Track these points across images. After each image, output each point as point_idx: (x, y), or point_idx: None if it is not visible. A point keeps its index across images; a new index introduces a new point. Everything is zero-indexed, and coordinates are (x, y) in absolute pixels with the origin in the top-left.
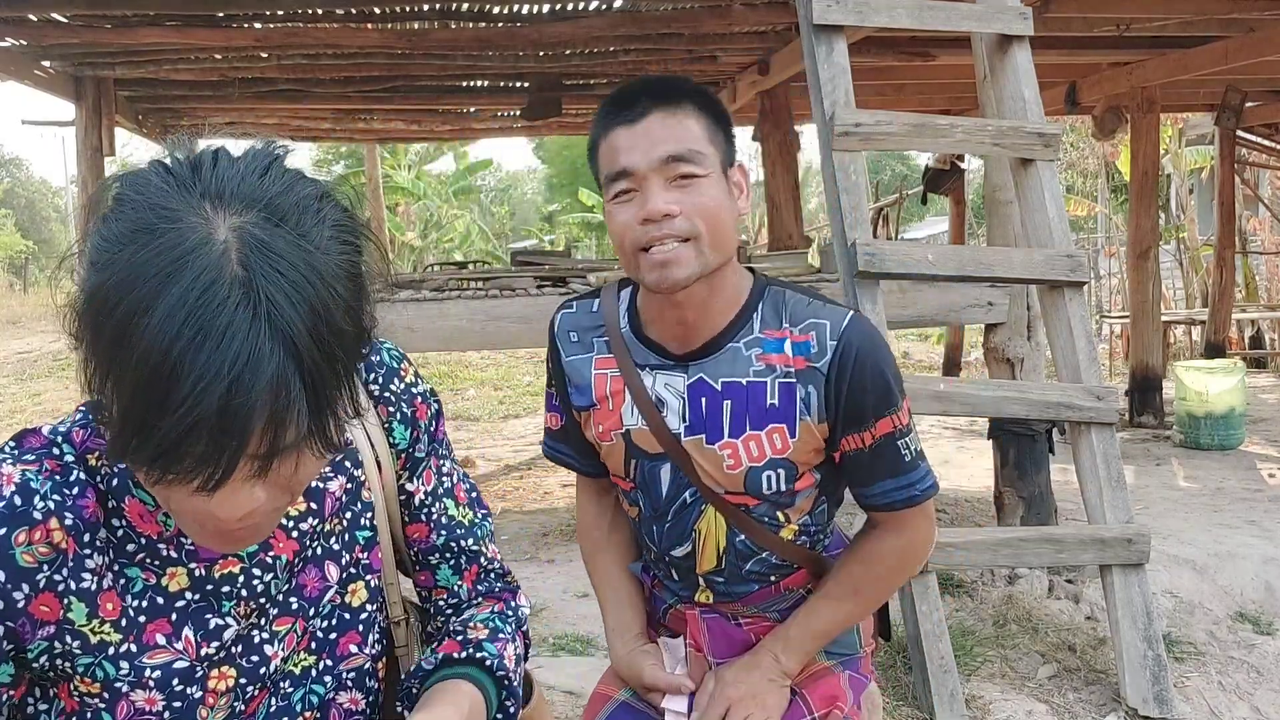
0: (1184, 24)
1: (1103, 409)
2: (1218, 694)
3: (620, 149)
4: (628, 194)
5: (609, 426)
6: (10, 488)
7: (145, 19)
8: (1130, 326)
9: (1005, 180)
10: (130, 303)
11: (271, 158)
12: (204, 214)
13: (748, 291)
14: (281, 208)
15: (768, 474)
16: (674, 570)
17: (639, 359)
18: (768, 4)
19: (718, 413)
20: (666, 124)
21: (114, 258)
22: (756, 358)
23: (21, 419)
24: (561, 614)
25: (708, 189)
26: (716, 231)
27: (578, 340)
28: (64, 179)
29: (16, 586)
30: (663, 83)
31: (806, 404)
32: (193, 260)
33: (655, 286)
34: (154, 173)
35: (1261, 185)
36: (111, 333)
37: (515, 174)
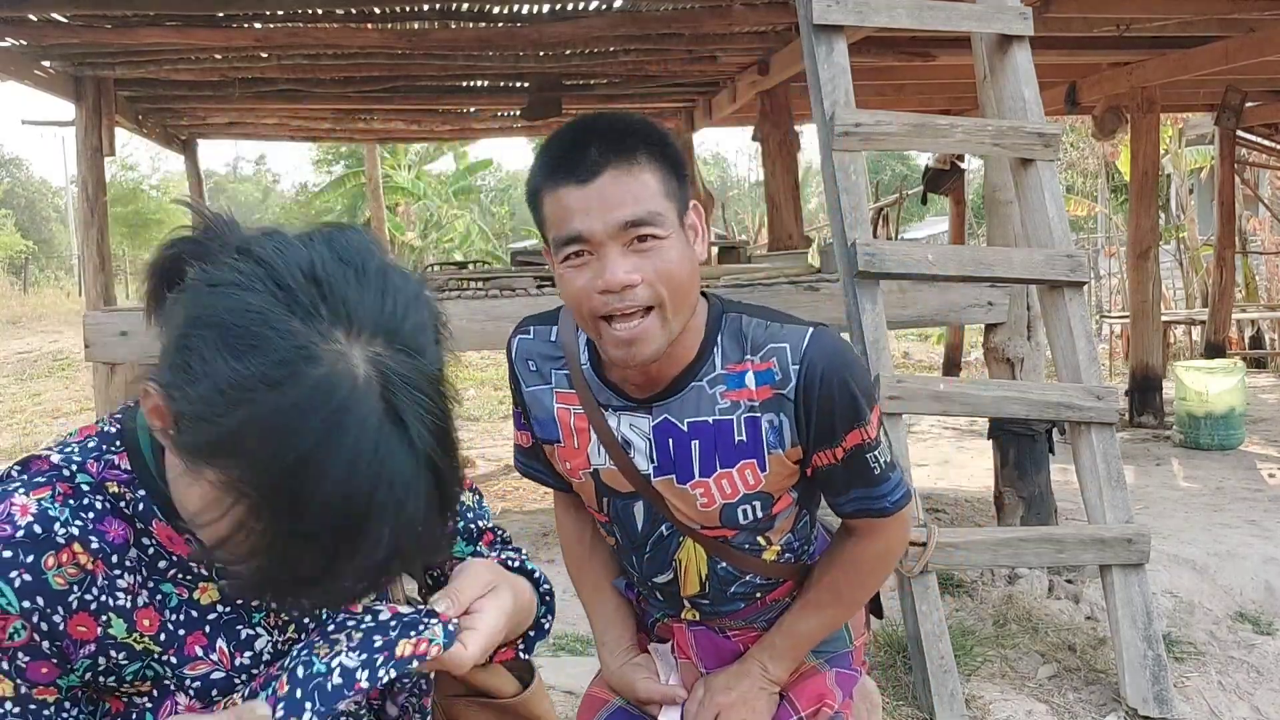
0: (1184, 24)
1: (1103, 409)
2: (1218, 694)
3: (573, 211)
4: (580, 256)
5: (576, 465)
6: (28, 518)
7: (145, 19)
8: (1130, 326)
9: (1005, 180)
10: (300, 455)
11: (379, 266)
12: (338, 344)
13: (704, 324)
14: (402, 332)
15: (743, 508)
16: (658, 593)
17: (601, 399)
18: (768, 4)
19: (686, 453)
20: (621, 183)
21: (258, 398)
22: (721, 395)
23: (21, 419)
24: (561, 614)
25: (668, 250)
26: (679, 294)
27: (536, 370)
28: (64, 179)
29: (54, 609)
30: (612, 130)
31: (777, 434)
32: (353, 408)
33: (621, 363)
34: (264, 289)
35: (1261, 185)
36: (279, 483)
37: (515, 174)
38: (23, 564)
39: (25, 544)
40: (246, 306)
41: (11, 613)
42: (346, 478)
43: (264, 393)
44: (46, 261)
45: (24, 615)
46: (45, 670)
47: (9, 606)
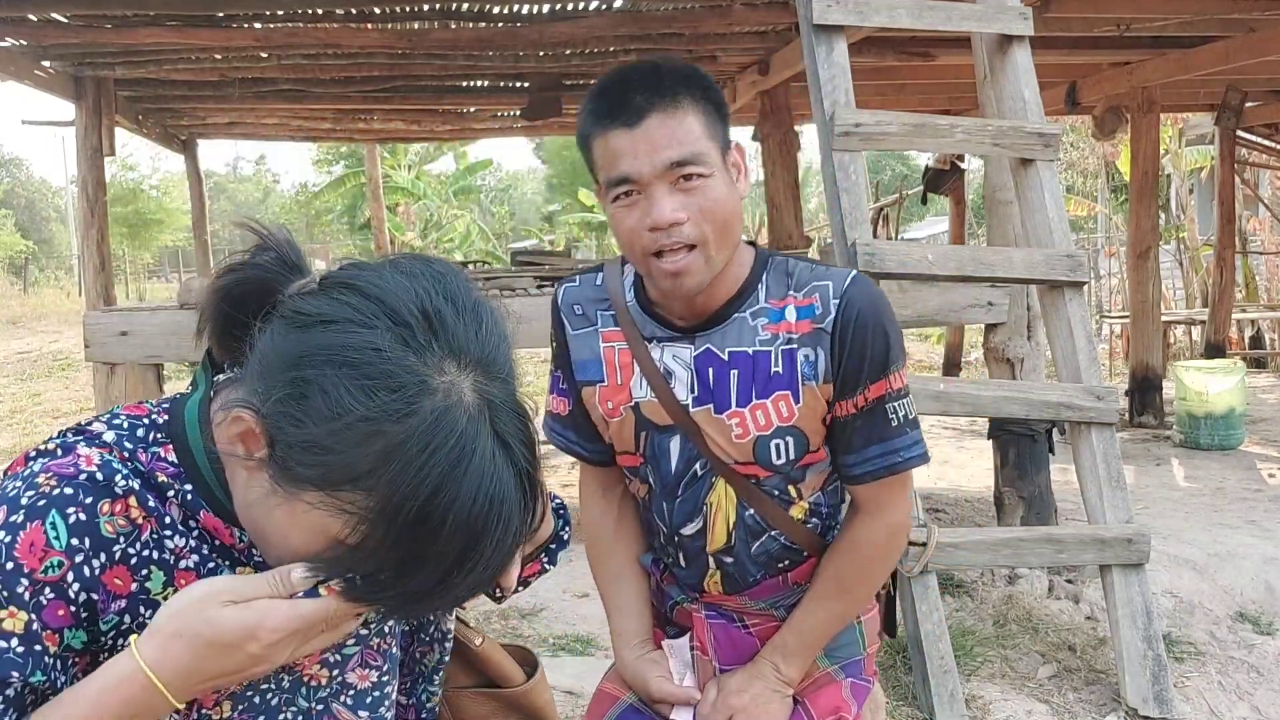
0: (1184, 24)
1: (1103, 409)
2: (1218, 694)
3: (621, 153)
4: (630, 197)
5: (618, 401)
6: (92, 466)
7: (145, 19)
8: (1130, 326)
9: (1005, 180)
10: (434, 484)
11: (474, 299)
12: (450, 375)
13: (750, 265)
14: (497, 362)
15: (776, 443)
16: (683, 554)
17: (646, 332)
18: (768, 4)
19: (725, 382)
20: (667, 125)
21: (389, 430)
22: (762, 327)
23: (21, 419)
24: (561, 614)
25: (712, 189)
26: (723, 232)
27: (582, 313)
28: (64, 179)
29: (95, 555)
30: (655, 74)
31: (812, 367)
32: (473, 436)
33: (670, 294)
34: (383, 326)
35: (1261, 185)
36: (413, 510)
37: (515, 174)
38: (80, 503)
39: (86, 485)
40: (370, 344)
41: (57, 547)
42: (472, 502)
43: (393, 425)
44: (46, 261)
45: (68, 552)
46: (61, 613)
47: (57, 540)
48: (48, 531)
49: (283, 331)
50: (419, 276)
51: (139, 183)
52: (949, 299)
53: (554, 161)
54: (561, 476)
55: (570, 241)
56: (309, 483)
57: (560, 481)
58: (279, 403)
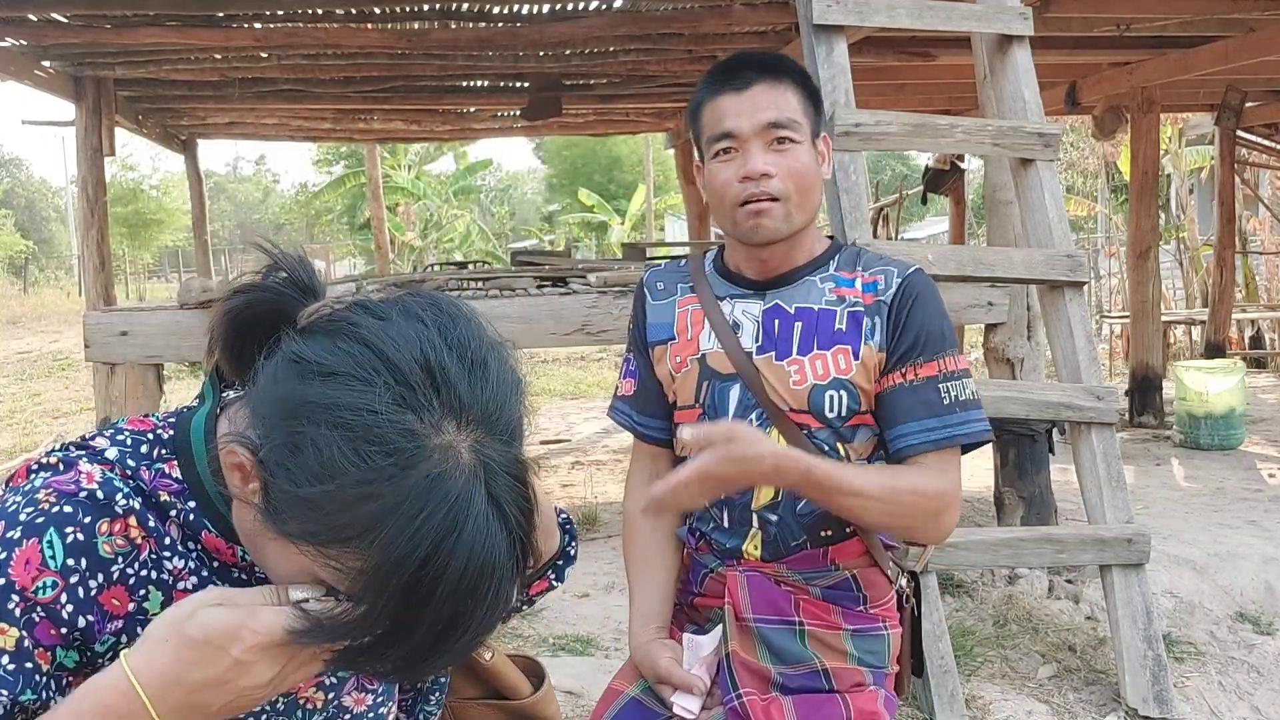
0: (1184, 24)
1: (1103, 409)
2: (1218, 694)
3: (727, 113)
4: (729, 153)
5: (686, 354)
6: (93, 484)
7: (145, 19)
8: (1130, 326)
9: (1005, 180)
10: (427, 549)
11: (483, 353)
12: (448, 435)
13: (825, 247)
14: (501, 420)
15: (830, 394)
16: (727, 512)
17: (720, 291)
18: (768, 4)
19: (789, 333)
20: (770, 93)
21: (383, 493)
22: (830, 290)
23: (21, 419)
24: (561, 614)
25: (801, 154)
26: (804, 193)
27: (663, 288)
28: (64, 179)
29: (92, 575)
30: (767, 57)
31: (871, 332)
32: (467, 501)
33: (748, 236)
34: (382, 383)
35: (1261, 185)
36: (403, 574)
37: (515, 174)
38: (79, 522)
39: (86, 504)
40: (369, 406)
41: (52, 566)
42: (463, 569)
43: (386, 488)
44: (46, 261)
45: (63, 572)
46: (53, 633)
47: (53, 559)
48: (44, 550)
49: (285, 375)
50: (426, 324)
51: (139, 183)
52: (949, 299)
53: (554, 161)
54: (562, 476)
55: (570, 241)
56: (299, 537)
57: (561, 481)
58: (274, 450)
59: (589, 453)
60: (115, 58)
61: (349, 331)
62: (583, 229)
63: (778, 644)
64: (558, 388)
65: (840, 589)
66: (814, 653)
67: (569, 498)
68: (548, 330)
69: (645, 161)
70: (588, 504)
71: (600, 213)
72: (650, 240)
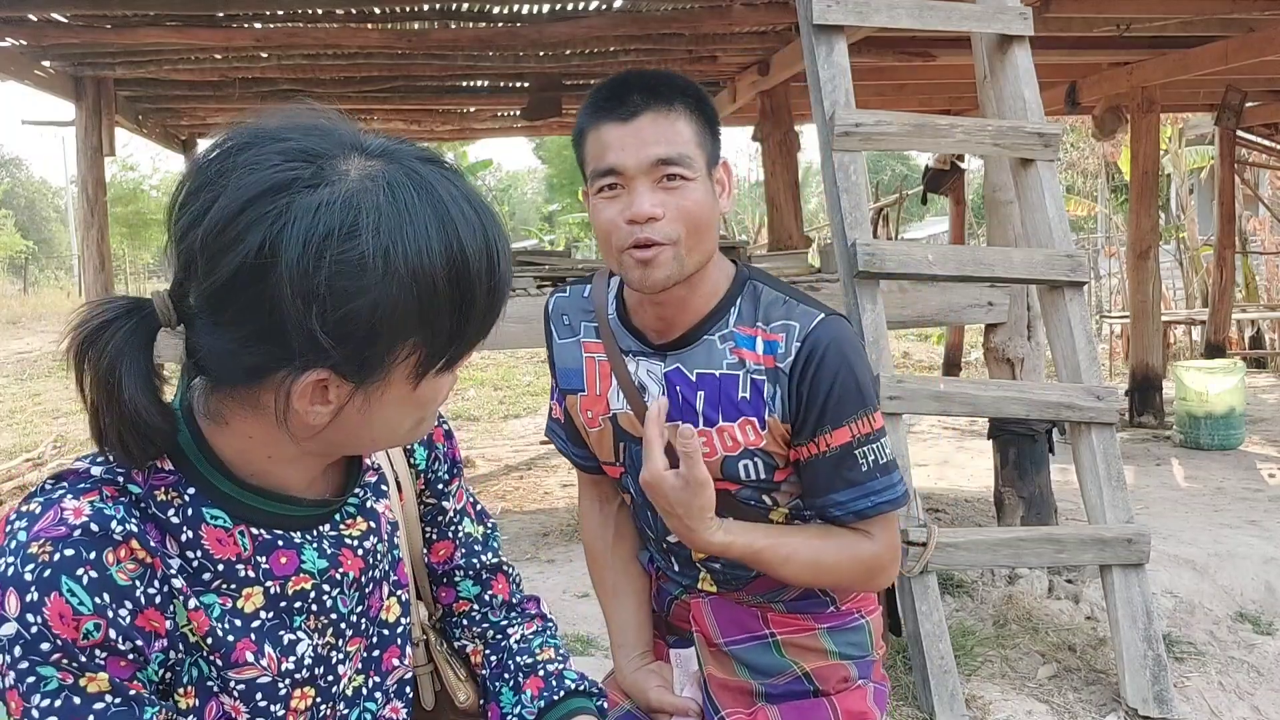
0: (1184, 24)
1: (1103, 409)
2: (1218, 694)
3: (610, 145)
4: (614, 189)
5: (597, 412)
6: (83, 518)
7: (145, 19)
8: (1130, 326)
9: (1005, 180)
10: (449, 251)
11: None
12: (353, 161)
13: (728, 284)
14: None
15: (744, 463)
16: (674, 558)
17: (624, 345)
18: (768, 4)
19: (692, 403)
20: (658, 125)
21: (367, 248)
22: (730, 351)
23: (22, 419)
24: (561, 614)
25: (693, 192)
26: (697, 235)
27: (568, 323)
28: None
29: (121, 605)
30: (655, 79)
31: (773, 401)
32: (430, 193)
33: (637, 285)
34: (269, 168)
35: (1261, 185)
36: (440, 275)
37: (515, 174)
38: (86, 560)
39: (85, 541)
40: (275, 183)
41: (85, 611)
42: (472, 230)
43: (373, 244)
44: (46, 261)
45: (97, 611)
46: (123, 665)
47: (82, 606)
48: (69, 600)
49: (246, 283)
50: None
51: (139, 183)
52: (949, 299)
53: (554, 161)
54: (562, 476)
55: (570, 242)
56: (394, 337)
57: (560, 481)
58: (324, 335)
59: None
60: (115, 58)
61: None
62: (583, 229)
63: (754, 660)
64: None
65: (805, 598)
66: (792, 659)
67: (569, 498)
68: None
69: None
70: None
71: None
72: None
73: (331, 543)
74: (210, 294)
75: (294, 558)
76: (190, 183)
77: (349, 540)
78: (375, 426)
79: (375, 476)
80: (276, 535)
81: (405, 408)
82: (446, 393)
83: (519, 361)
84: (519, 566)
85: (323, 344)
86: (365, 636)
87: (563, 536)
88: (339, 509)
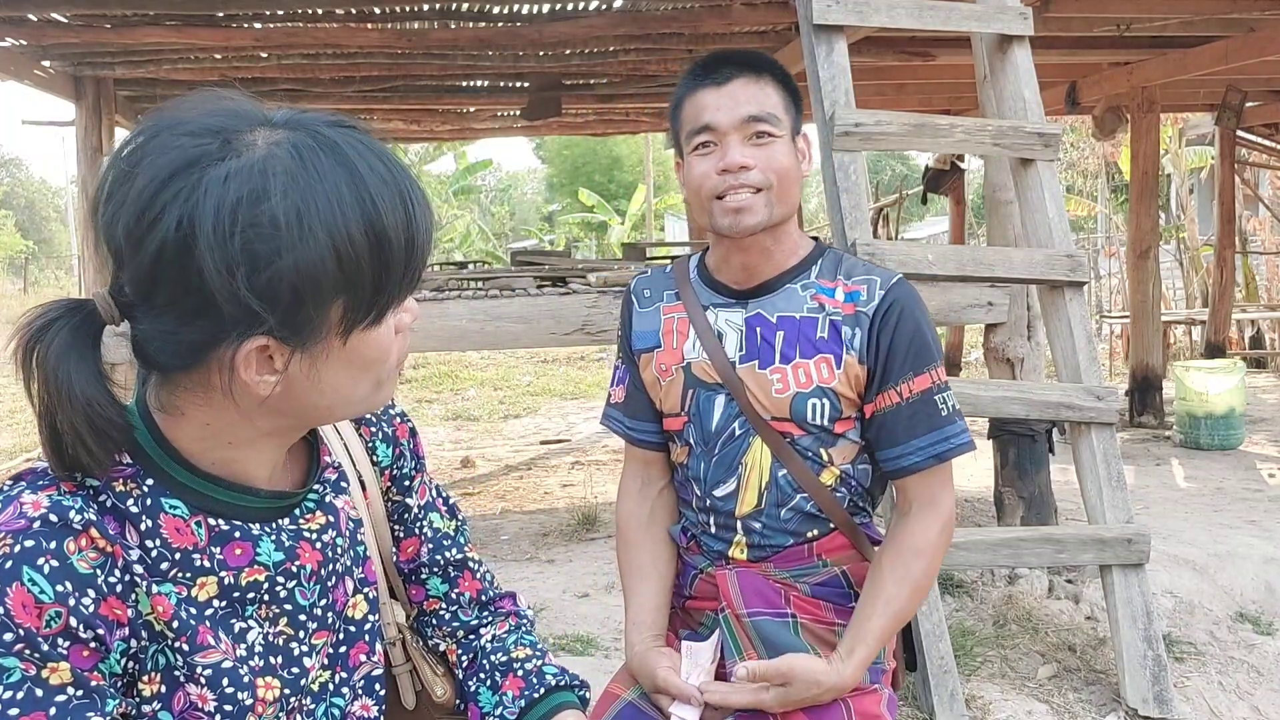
0: (1184, 24)
1: (1103, 409)
2: (1218, 694)
3: (706, 107)
4: (707, 147)
5: (670, 361)
6: (41, 509)
7: (145, 19)
8: (1130, 326)
9: (1005, 180)
10: (367, 215)
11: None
12: (261, 133)
13: (809, 248)
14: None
15: (813, 402)
16: (713, 520)
17: (704, 300)
18: (768, 4)
19: (771, 342)
20: (749, 88)
21: (277, 208)
22: (811, 298)
23: (21, 419)
24: (561, 614)
25: (780, 149)
26: (784, 186)
27: (649, 295)
28: (64, 179)
29: (84, 593)
30: (748, 54)
31: (851, 343)
32: (339, 158)
33: (728, 230)
34: (187, 145)
35: (1261, 185)
36: (368, 232)
37: (515, 174)
38: (47, 550)
39: (44, 531)
40: (196, 155)
41: (46, 600)
42: (382, 183)
43: (281, 203)
44: (46, 261)
45: (59, 599)
46: (85, 655)
47: (43, 594)
48: (30, 589)
49: (172, 256)
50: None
51: None
52: (949, 299)
53: (554, 161)
54: (562, 476)
55: (570, 241)
56: (321, 296)
57: (561, 481)
58: (248, 293)
59: (589, 453)
60: (115, 58)
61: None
62: (583, 229)
63: (771, 635)
64: (558, 388)
65: (829, 585)
66: (808, 644)
67: (569, 498)
68: (548, 330)
69: (645, 161)
70: (588, 504)
71: (600, 213)
72: (650, 240)
73: (290, 535)
74: (140, 280)
75: (249, 549)
76: (109, 178)
77: (307, 534)
78: (326, 392)
79: (335, 474)
80: (235, 526)
81: (352, 370)
82: (395, 353)
83: (519, 361)
84: (519, 567)
85: (255, 310)
86: (333, 631)
87: (563, 536)
88: (298, 503)
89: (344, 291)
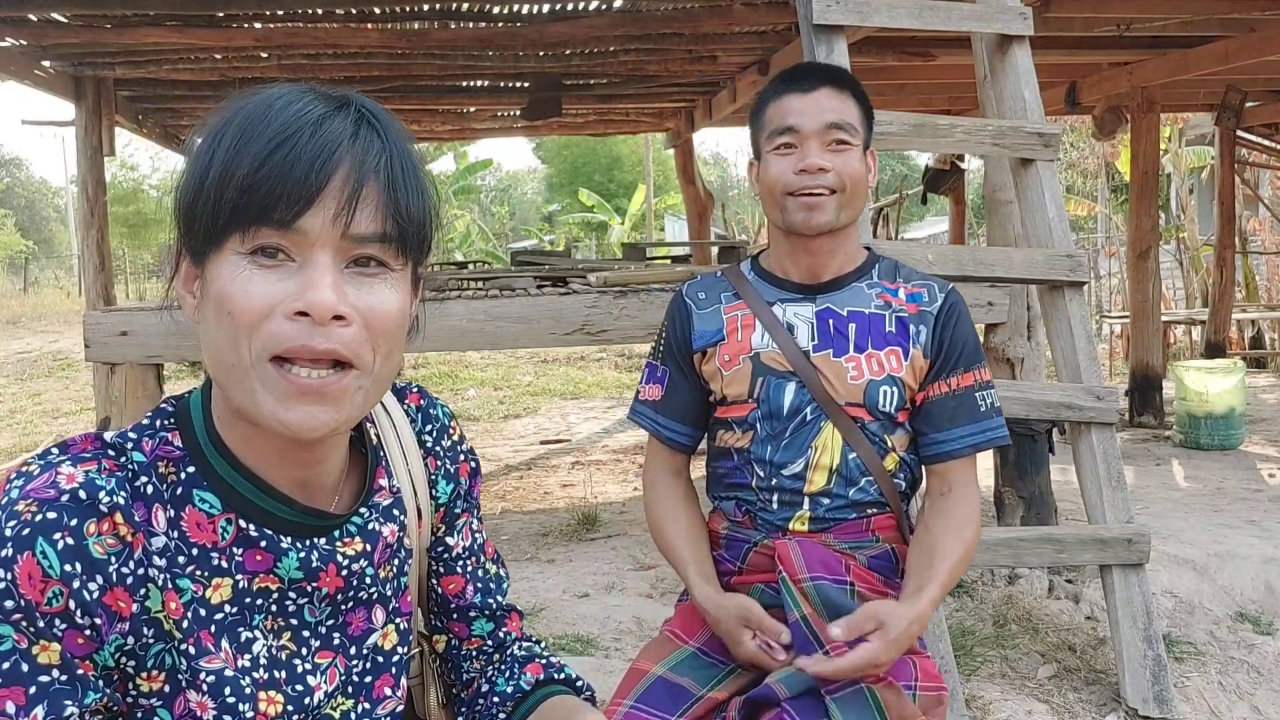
0: (1184, 24)
1: (1103, 409)
2: (1218, 694)
3: (791, 110)
4: (788, 148)
5: (737, 352)
6: (74, 484)
7: (145, 19)
8: (1130, 326)
9: (1005, 180)
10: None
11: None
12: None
13: (864, 256)
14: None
15: (884, 389)
16: (777, 496)
17: (768, 296)
18: (768, 4)
19: (844, 333)
20: (833, 99)
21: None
22: (876, 295)
23: (22, 419)
24: (561, 614)
25: (854, 157)
26: (854, 191)
27: (705, 298)
28: (64, 179)
29: (92, 578)
30: (833, 68)
31: (918, 338)
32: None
33: (800, 226)
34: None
35: (1261, 185)
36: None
37: (515, 174)
38: (66, 526)
39: (69, 507)
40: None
41: (53, 576)
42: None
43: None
44: (46, 261)
45: (64, 579)
46: (80, 641)
47: (51, 569)
48: (40, 561)
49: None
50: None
51: (139, 182)
52: None
53: (554, 161)
54: (562, 476)
55: (570, 242)
56: (191, 220)
57: (561, 481)
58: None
59: (589, 453)
60: (115, 58)
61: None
62: (583, 229)
63: (833, 599)
64: (558, 388)
65: (882, 559)
66: None
67: (569, 498)
68: (548, 330)
69: (645, 161)
70: (588, 504)
71: (600, 213)
72: (650, 240)
73: (321, 557)
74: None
75: (270, 559)
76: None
77: (339, 558)
78: (208, 331)
79: (390, 499)
80: (264, 534)
81: (210, 308)
82: (242, 308)
83: (519, 361)
84: (519, 567)
85: (180, 228)
86: (340, 653)
87: (563, 536)
88: (340, 525)
89: (195, 201)
